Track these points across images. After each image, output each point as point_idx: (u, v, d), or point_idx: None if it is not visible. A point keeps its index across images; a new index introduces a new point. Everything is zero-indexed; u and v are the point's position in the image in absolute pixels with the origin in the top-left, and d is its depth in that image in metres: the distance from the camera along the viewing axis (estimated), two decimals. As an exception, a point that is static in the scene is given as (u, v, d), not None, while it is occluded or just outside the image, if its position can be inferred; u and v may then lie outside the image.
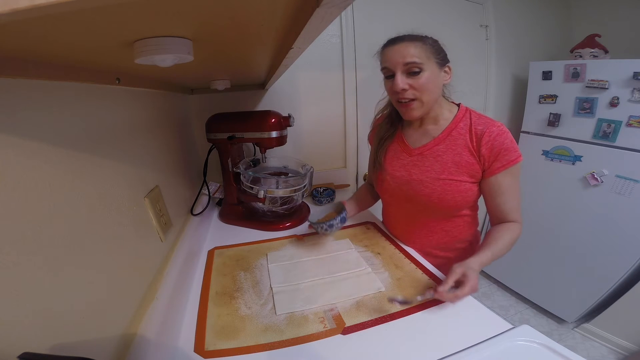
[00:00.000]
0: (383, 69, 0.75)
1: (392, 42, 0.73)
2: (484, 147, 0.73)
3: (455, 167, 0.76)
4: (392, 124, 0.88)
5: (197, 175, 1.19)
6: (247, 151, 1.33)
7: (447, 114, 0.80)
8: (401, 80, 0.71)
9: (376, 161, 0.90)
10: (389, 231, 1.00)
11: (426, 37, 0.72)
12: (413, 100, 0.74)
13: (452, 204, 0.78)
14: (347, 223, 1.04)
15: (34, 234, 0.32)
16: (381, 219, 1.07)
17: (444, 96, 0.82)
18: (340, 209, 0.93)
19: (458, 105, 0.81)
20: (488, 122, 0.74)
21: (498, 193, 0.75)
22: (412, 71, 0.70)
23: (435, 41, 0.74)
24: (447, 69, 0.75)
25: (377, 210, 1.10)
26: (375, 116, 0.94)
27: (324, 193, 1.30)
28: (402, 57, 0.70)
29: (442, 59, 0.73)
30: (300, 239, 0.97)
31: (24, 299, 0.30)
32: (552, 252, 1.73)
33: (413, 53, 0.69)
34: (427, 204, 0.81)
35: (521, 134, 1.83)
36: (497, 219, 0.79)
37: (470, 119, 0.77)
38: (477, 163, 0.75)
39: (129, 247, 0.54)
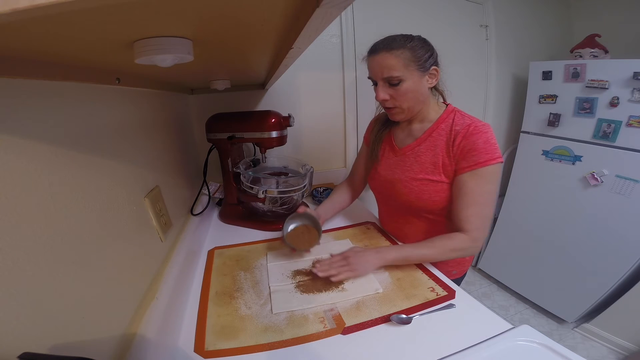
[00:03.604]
0: (369, 77, 0.77)
1: (372, 51, 0.73)
2: (456, 146, 0.72)
3: (433, 167, 0.77)
4: (387, 119, 0.90)
5: (197, 175, 1.19)
6: (247, 151, 1.33)
7: (433, 115, 0.80)
8: (382, 91, 0.74)
9: (373, 153, 0.92)
10: (382, 227, 1.02)
11: (407, 40, 0.69)
12: (394, 107, 0.76)
13: (430, 204, 0.79)
14: (347, 223, 1.06)
15: (34, 234, 0.32)
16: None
17: (438, 90, 0.81)
18: (316, 223, 0.87)
19: (447, 105, 0.81)
20: (467, 122, 0.73)
21: (459, 194, 0.73)
22: (392, 83, 0.71)
23: (419, 43, 0.70)
24: (433, 71, 0.72)
25: (376, 210, 1.10)
26: (377, 109, 0.94)
27: (324, 193, 1.30)
28: (380, 70, 0.71)
29: (424, 64, 0.70)
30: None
31: (24, 299, 0.30)
32: (552, 252, 1.73)
33: (390, 65, 0.69)
34: (407, 203, 0.83)
35: (521, 134, 1.83)
36: (453, 224, 0.76)
37: (453, 119, 0.76)
38: (451, 163, 0.74)
39: (129, 247, 0.54)
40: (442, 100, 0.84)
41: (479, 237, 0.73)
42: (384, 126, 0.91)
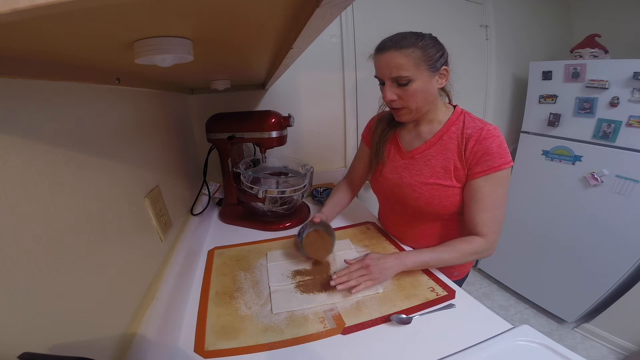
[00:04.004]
0: (375, 76, 0.75)
1: (380, 49, 0.70)
2: (469, 150, 0.71)
3: (444, 171, 0.75)
4: (392, 119, 0.87)
5: (197, 175, 1.19)
6: (247, 151, 1.33)
7: (442, 117, 0.78)
8: (389, 91, 0.71)
9: (378, 155, 0.89)
10: (384, 229, 1.01)
11: (419, 38, 0.67)
12: (402, 108, 0.74)
13: (440, 209, 0.78)
14: (347, 223, 1.06)
15: (34, 234, 0.32)
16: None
17: (445, 91, 0.79)
18: (330, 230, 0.86)
19: (455, 107, 0.79)
20: (479, 125, 0.71)
21: (474, 199, 0.72)
22: (400, 83, 0.69)
23: (431, 42, 0.68)
24: (443, 71, 0.70)
25: (376, 209, 1.10)
26: (379, 108, 0.93)
27: (324, 193, 1.30)
28: (388, 69, 0.69)
29: (435, 64, 0.68)
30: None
31: (24, 299, 0.30)
32: (552, 252, 1.73)
33: (400, 65, 0.66)
34: (415, 208, 0.81)
35: (521, 134, 1.83)
36: (468, 229, 0.75)
37: (464, 122, 0.74)
38: (463, 167, 0.73)
39: (128, 247, 0.54)
40: (448, 101, 0.82)
41: (495, 240, 0.73)
42: (389, 126, 0.88)
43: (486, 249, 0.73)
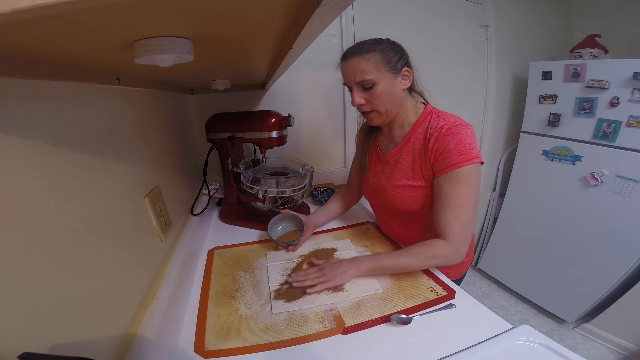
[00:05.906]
0: (344, 83, 0.77)
1: (344, 57, 0.73)
2: (429, 149, 0.71)
3: (412, 172, 0.76)
4: (371, 128, 0.90)
5: (197, 175, 1.19)
6: (247, 151, 1.33)
7: (412, 118, 0.78)
8: (357, 96, 0.74)
9: (362, 162, 0.92)
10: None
11: (376, 43, 0.69)
12: (371, 111, 0.76)
13: (414, 210, 0.78)
14: (347, 223, 1.06)
15: (34, 234, 0.32)
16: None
17: (417, 92, 0.80)
18: (300, 226, 0.94)
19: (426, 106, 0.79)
20: (441, 124, 0.71)
21: (436, 198, 0.72)
22: (365, 86, 0.71)
23: (389, 46, 0.70)
24: (405, 73, 0.72)
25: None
26: (361, 119, 0.96)
27: (324, 193, 1.30)
28: (353, 75, 0.72)
29: (395, 65, 0.70)
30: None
31: (24, 299, 0.30)
32: (552, 252, 1.73)
33: (362, 69, 0.69)
34: (394, 209, 0.83)
35: (521, 134, 1.83)
36: (434, 229, 0.73)
37: (430, 121, 0.74)
38: (427, 166, 0.73)
39: (128, 247, 0.54)
40: (423, 101, 0.82)
41: (460, 243, 0.69)
42: (369, 134, 0.92)
43: (449, 253, 0.69)
